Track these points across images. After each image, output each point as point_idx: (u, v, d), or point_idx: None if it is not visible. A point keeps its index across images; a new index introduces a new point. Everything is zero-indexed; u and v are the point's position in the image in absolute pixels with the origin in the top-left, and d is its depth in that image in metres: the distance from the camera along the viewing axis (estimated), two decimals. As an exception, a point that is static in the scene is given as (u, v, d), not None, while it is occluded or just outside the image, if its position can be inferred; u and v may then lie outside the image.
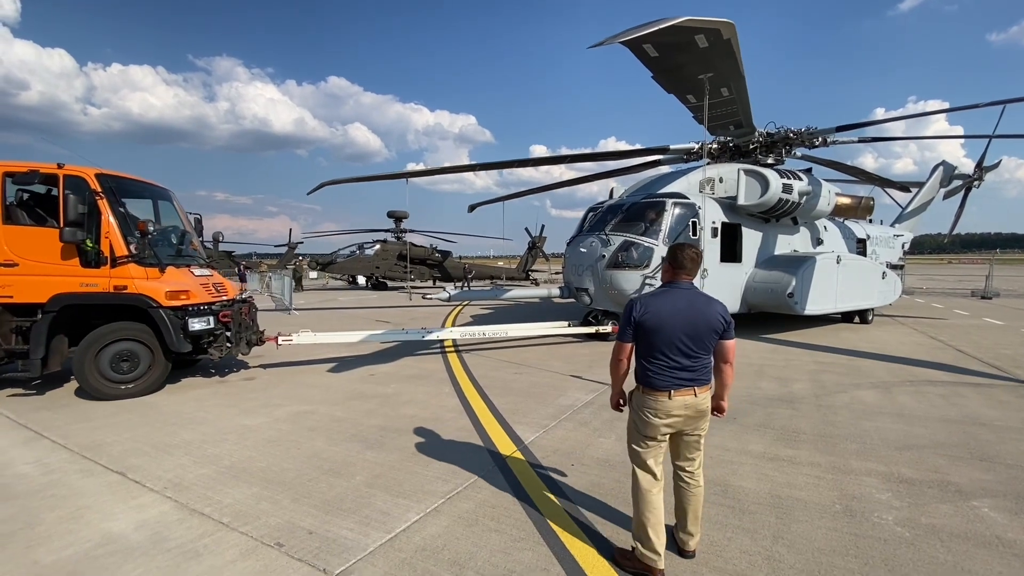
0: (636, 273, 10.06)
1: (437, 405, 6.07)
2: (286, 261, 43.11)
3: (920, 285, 28.32)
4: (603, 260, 10.39)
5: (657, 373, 2.80)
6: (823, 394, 6.61)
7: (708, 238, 10.80)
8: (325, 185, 13.55)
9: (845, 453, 4.58)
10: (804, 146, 12.72)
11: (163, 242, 7.23)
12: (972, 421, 5.47)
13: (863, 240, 15.54)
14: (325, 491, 3.82)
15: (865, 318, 13.64)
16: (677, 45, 7.34)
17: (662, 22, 6.30)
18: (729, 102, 9.84)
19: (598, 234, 10.81)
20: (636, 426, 2.91)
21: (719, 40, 7.19)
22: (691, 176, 12.07)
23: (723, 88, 9.15)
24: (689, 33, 6.91)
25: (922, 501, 3.66)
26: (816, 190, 12.02)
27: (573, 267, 11.25)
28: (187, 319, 6.61)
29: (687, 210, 10.62)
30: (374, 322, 13.82)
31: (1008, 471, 4.19)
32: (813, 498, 3.71)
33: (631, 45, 7.20)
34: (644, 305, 2.84)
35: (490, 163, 13.91)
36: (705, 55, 7.68)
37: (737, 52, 7.68)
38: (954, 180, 18.47)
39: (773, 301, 11.33)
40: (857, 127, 11.88)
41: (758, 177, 11.22)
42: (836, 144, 12.69)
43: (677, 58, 7.84)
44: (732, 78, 8.73)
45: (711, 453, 4.54)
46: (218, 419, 5.58)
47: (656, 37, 6.92)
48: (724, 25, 6.88)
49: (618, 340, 2.92)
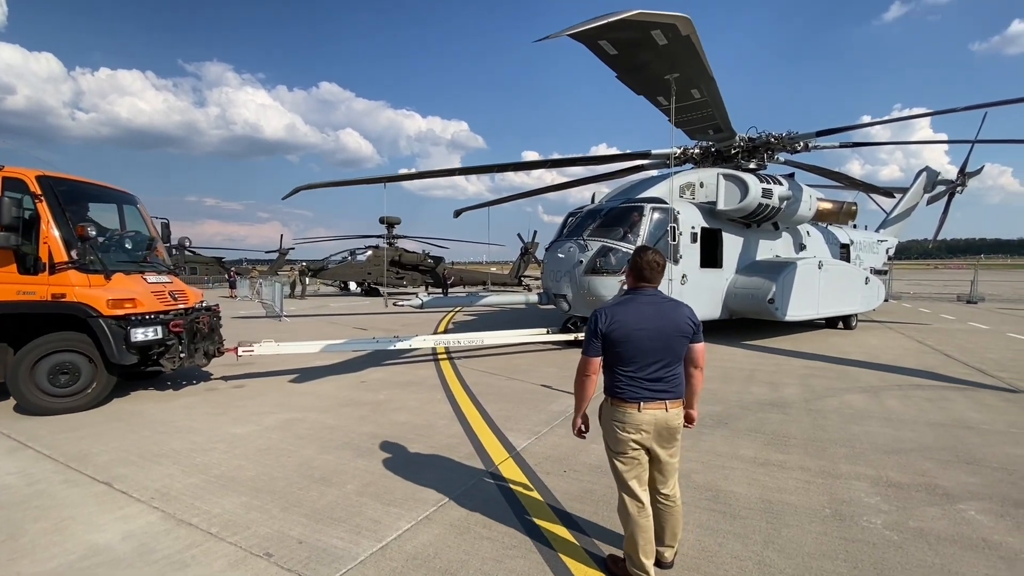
0: (614, 279, 9.94)
1: (429, 412, 6.05)
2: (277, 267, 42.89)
3: (908, 290, 28.71)
4: (581, 266, 10.25)
5: (626, 384, 2.69)
6: (813, 398, 6.66)
7: (687, 243, 10.78)
8: (300, 190, 13.31)
9: (834, 457, 4.61)
10: (786, 151, 12.79)
11: (115, 247, 6.91)
12: (958, 424, 5.54)
13: (847, 245, 15.62)
14: (315, 500, 3.78)
15: (849, 324, 13.67)
16: (635, 42, 7.09)
17: (612, 15, 6.05)
18: (702, 105, 9.72)
19: (576, 239, 10.68)
20: (607, 440, 2.82)
21: (678, 36, 6.96)
22: (671, 181, 12.06)
23: (693, 90, 9.00)
24: (644, 28, 6.68)
25: (910, 505, 3.70)
26: (797, 195, 12.04)
27: (551, 273, 11.12)
28: (130, 329, 6.19)
29: (665, 215, 10.52)
30: (364, 330, 13.75)
31: (994, 474, 4.25)
32: (803, 502, 3.73)
33: (586, 42, 6.98)
34: (609, 316, 2.69)
35: (470, 167, 14.02)
36: (667, 53, 7.45)
37: (700, 50, 7.47)
38: (938, 186, 18.80)
39: (754, 307, 11.30)
40: (838, 132, 11.99)
41: (737, 182, 11.23)
42: (818, 149, 12.77)
43: (639, 56, 7.59)
44: (701, 79, 8.58)
45: (703, 459, 4.58)
46: (207, 428, 5.52)
47: (611, 32, 6.71)
48: (680, 20, 6.64)
49: (584, 355, 2.75)
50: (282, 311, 16.92)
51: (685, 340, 2.75)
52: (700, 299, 10.92)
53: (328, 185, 14.11)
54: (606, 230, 10.55)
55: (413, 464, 4.45)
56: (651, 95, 9.03)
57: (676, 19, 6.57)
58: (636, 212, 10.53)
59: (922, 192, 18.89)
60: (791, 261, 11.70)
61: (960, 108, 10.20)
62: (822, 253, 14.17)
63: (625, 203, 11.06)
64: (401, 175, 13.61)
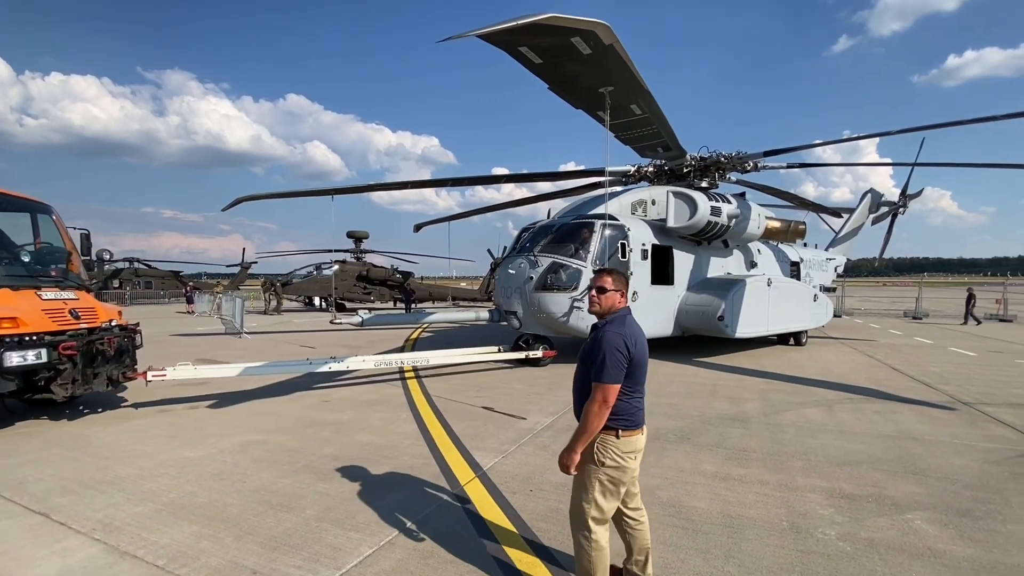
0: (564, 296, 9.85)
1: (394, 432, 5.93)
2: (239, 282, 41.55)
3: (859, 306, 30.10)
4: (531, 282, 10.11)
5: (637, 410, 2.63)
6: (772, 412, 6.87)
7: (638, 260, 10.82)
8: (242, 201, 12.87)
9: (792, 470, 4.76)
10: (737, 170, 13.15)
11: (4, 261, 6.35)
12: (905, 436, 5.81)
13: (797, 263, 16.13)
14: (272, 527, 3.64)
15: (799, 340, 13.96)
16: (557, 50, 6.71)
17: (524, 17, 5.68)
18: (646, 122, 9.60)
19: (527, 255, 10.59)
20: (610, 480, 2.58)
21: (601, 45, 6.65)
22: (623, 198, 12.11)
23: (632, 105, 8.82)
24: (563, 34, 6.30)
25: (861, 515, 3.84)
26: (745, 213, 12.28)
27: (502, 289, 10.98)
28: (3, 352, 5.51)
29: (616, 232, 10.58)
30: (312, 348, 13.44)
31: (938, 484, 4.46)
32: (762, 516, 3.83)
33: (506, 48, 6.58)
34: (632, 337, 2.57)
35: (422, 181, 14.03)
36: (594, 64, 7.15)
37: (628, 62, 7.17)
38: (881, 207, 19.90)
39: (704, 324, 11.42)
40: (784, 152, 12.40)
41: (687, 199, 11.36)
42: (767, 169, 13.21)
43: (565, 66, 7.25)
44: (638, 94, 8.39)
45: (667, 475, 4.64)
46: (158, 451, 5.25)
47: (529, 38, 6.35)
48: (599, 27, 6.25)
49: (609, 382, 2.49)
50: (242, 327, 16.36)
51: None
52: (652, 316, 11.05)
53: (272, 196, 13.63)
54: (557, 246, 10.52)
55: (376, 487, 4.34)
56: (589, 109, 8.76)
57: (595, 26, 6.22)
58: (587, 229, 10.56)
59: (867, 213, 19.93)
60: (741, 279, 11.88)
61: (895, 131, 10.88)
62: (773, 271, 14.54)
63: (576, 219, 11.04)
64: (349, 188, 13.23)
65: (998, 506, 4.01)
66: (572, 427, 6.25)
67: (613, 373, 2.50)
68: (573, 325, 9.54)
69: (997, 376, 9.63)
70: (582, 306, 9.42)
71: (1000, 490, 4.31)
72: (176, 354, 12.34)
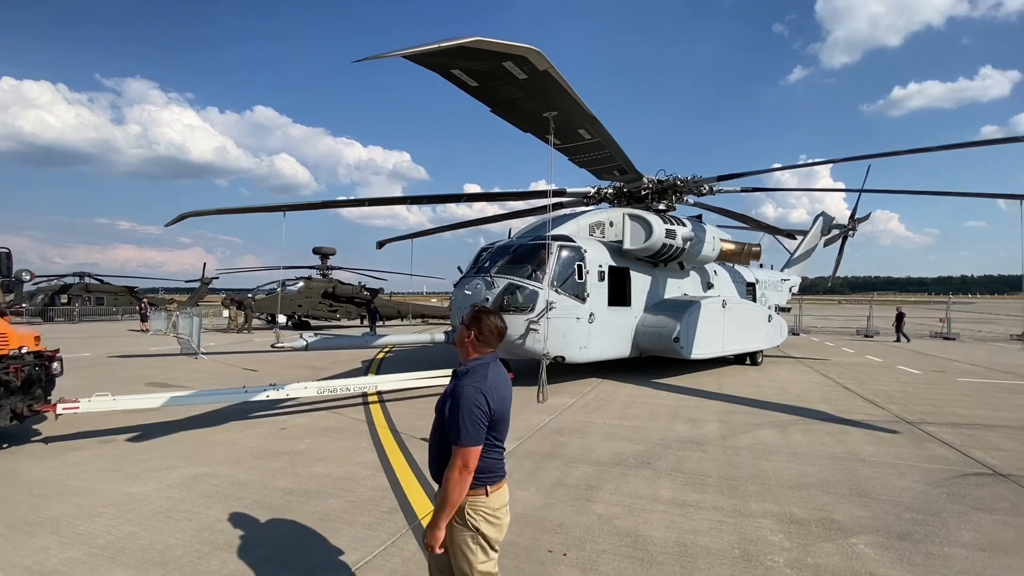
0: (520, 317, 9.76)
1: (353, 462, 5.79)
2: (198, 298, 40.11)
3: (816, 324, 31.28)
4: (487, 303, 9.91)
5: (501, 461, 2.43)
6: (729, 434, 7.03)
7: (595, 281, 10.87)
8: (187, 216, 12.42)
9: (746, 495, 4.87)
10: (693, 193, 13.45)
11: None
12: (854, 457, 6.04)
13: (752, 284, 16.60)
14: (217, 570, 3.48)
15: (755, 360, 14.14)
16: (491, 74, 6.55)
17: (449, 40, 5.48)
18: (596, 146, 9.55)
19: (483, 276, 10.53)
20: (487, 541, 2.34)
21: (536, 71, 6.49)
22: (581, 219, 12.16)
23: (580, 130, 8.75)
24: (494, 59, 6.14)
25: (809, 541, 3.95)
26: (700, 236, 12.53)
27: (458, 310, 10.79)
28: None
29: (573, 253, 10.62)
30: (256, 371, 13.07)
31: (881, 506, 4.64)
32: (715, 544, 3.89)
33: (437, 70, 6.39)
34: (493, 390, 2.32)
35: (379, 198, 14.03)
36: (533, 89, 7.00)
37: (567, 87, 7.05)
38: (833, 229, 20.92)
39: (661, 345, 11.53)
40: (737, 176, 12.71)
41: (642, 222, 11.55)
42: (722, 192, 13.60)
43: (503, 91, 7.10)
44: (584, 120, 8.31)
45: (625, 502, 4.68)
46: (97, 488, 4.96)
47: (459, 60, 6.17)
48: (530, 52, 6.07)
49: (468, 445, 2.22)
50: (199, 347, 15.74)
51: None
52: (609, 337, 11.17)
53: (220, 212, 13.24)
54: (513, 267, 10.47)
55: (331, 522, 4.22)
56: (537, 132, 8.58)
57: (525, 51, 6.04)
58: (544, 250, 10.45)
59: (820, 235, 20.92)
60: (696, 300, 12.05)
61: (840, 159, 11.59)
62: (729, 291, 14.86)
63: (533, 240, 10.93)
64: (302, 204, 12.89)
65: (936, 528, 4.20)
66: (535, 452, 6.26)
67: (473, 434, 2.23)
68: (530, 347, 9.56)
69: (939, 395, 10.14)
70: (538, 328, 9.45)
71: (939, 512, 4.52)
72: (123, 377, 11.79)
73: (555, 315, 9.88)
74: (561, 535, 4.02)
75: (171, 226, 12.48)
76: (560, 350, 10.17)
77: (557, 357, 10.14)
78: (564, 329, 10.18)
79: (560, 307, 10.07)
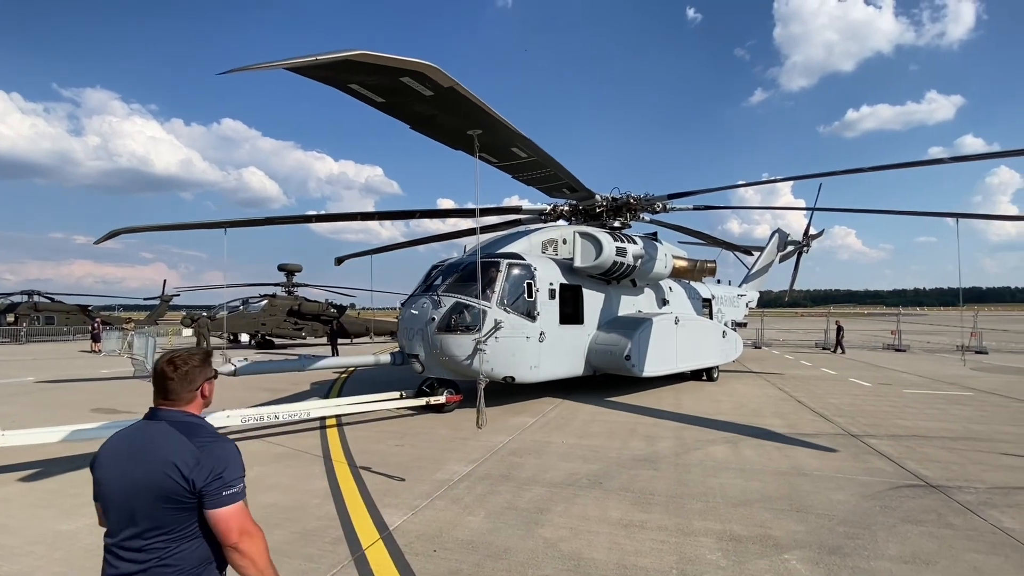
0: (467, 337, 9.46)
1: (303, 490, 5.67)
2: (157, 316, 38.70)
3: (778, 337, 32.23)
4: (433, 323, 9.73)
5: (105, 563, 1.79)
6: (682, 451, 7.18)
7: (545, 299, 10.70)
8: (119, 233, 11.73)
9: (690, 513, 4.98)
10: (648, 211, 13.57)
11: None
12: (797, 472, 6.25)
13: (709, 300, 16.79)
14: (145, 611, 3.36)
15: (711, 376, 14.20)
16: (395, 89, 6.12)
17: (331, 53, 5.02)
18: (536, 164, 9.21)
19: (431, 295, 10.23)
20: None
21: (439, 87, 6.07)
22: (533, 236, 12.07)
23: (513, 148, 8.31)
24: (390, 74, 5.68)
25: (744, 558, 4.08)
26: (652, 253, 12.46)
27: (405, 331, 10.51)
28: None
29: (523, 271, 10.45)
30: (248, 391, 12.72)
31: (817, 520, 4.82)
32: (654, 565, 3.98)
33: (335, 84, 5.93)
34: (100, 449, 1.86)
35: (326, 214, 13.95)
36: (447, 106, 6.62)
37: (482, 105, 6.64)
38: (788, 245, 21.70)
39: (613, 363, 11.42)
40: (689, 195, 12.83)
41: (592, 240, 11.43)
42: (675, 210, 13.73)
43: (414, 107, 6.67)
44: (513, 138, 7.89)
45: (572, 524, 4.73)
46: (25, 525, 4.74)
47: (354, 75, 5.72)
48: (426, 68, 5.60)
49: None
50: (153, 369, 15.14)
51: (168, 506, 1.73)
52: (561, 356, 11.03)
53: (155, 228, 12.66)
54: (461, 285, 10.13)
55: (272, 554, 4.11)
56: (467, 150, 7.99)
57: (420, 67, 5.59)
58: (493, 267, 10.22)
59: (776, 251, 21.64)
60: (647, 317, 11.99)
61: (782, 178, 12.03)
62: (685, 308, 14.93)
63: (484, 258, 10.42)
64: (244, 220, 12.34)
65: (865, 542, 4.38)
66: (490, 475, 6.26)
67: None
68: (478, 368, 9.29)
69: (885, 406, 10.59)
70: (485, 348, 9.21)
71: (869, 525, 4.72)
72: (66, 400, 11.29)
73: (504, 334, 9.73)
74: (505, 560, 4.04)
75: (101, 243, 11.72)
76: (509, 370, 9.99)
77: (506, 378, 10.00)
78: (513, 348, 9.98)
79: (509, 326, 9.88)
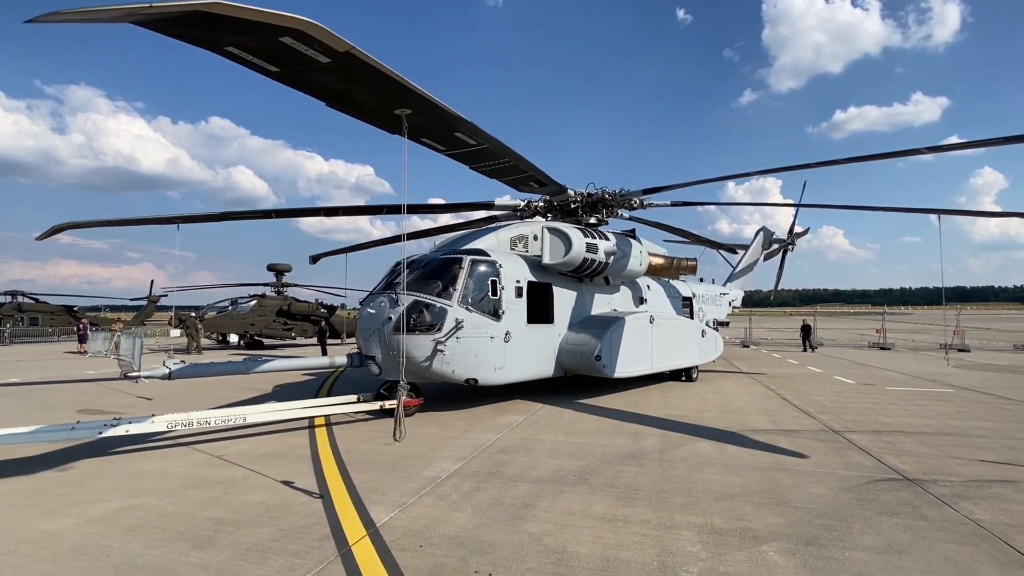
0: (426, 338, 9.10)
1: (290, 488, 5.69)
2: (144, 316, 38.31)
3: (766, 336, 32.63)
4: (390, 323, 9.14)
5: None
6: (668, 448, 7.29)
7: (511, 298, 10.20)
8: (63, 228, 11.26)
9: (673, 508, 5.08)
10: (624, 207, 13.08)
11: None
12: (779, 467, 6.37)
13: (689, 299, 16.44)
14: (131, 608, 3.39)
15: (690, 376, 13.79)
16: (285, 55, 5.02)
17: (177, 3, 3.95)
18: (491, 153, 8.52)
19: (389, 293, 9.74)
20: None
21: (336, 53, 5.04)
22: (501, 233, 11.56)
23: (456, 134, 7.53)
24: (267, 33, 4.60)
25: (724, 551, 4.17)
26: (625, 250, 11.96)
27: (362, 331, 9.98)
28: None
29: (488, 268, 9.98)
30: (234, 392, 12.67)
31: (796, 514, 4.93)
32: (636, 557, 4.06)
33: (205, 45, 4.78)
34: None
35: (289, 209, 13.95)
36: (356, 78, 5.63)
37: (400, 79, 5.72)
38: (773, 244, 21.92)
39: (583, 364, 10.96)
40: (664, 190, 12.40)
41: (562, 236, 10.97)
42: (652, 206, 13.45)
43: (318, 78, 5.58)
44: (454, 122, 7.10)
45: (557, 519, 4.80)
46: (10, 524, 4.72)
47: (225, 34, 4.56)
48: (305, 24, 4.53)
49: None
50: (140, 370, 15.01)
51: None
52: (528, 356, 10.55)
53: (102, 224, 12.23)
54: (422, 283, 9.71)
55: (258, 552, 4.16)
56: (402, 132, 6.82)
57: (297, 22, 4.47)
58: (456, 264, 9.86)
59: (761, 249, 21.83)
60: (620, 317, 11.52)
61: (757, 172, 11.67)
62: (663, 307, 14.47)
63: (446, 255, 10.37)
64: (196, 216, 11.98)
65: (841, 533, 4.50)
66: (478, 473, 6.33)
67: None
68: (437, 370, 9.00)
69: (868, 403, 10.79)
70: (445, 349, 9.03)
71: (846, 517, 4.84)
72: (52, 403, 11.20)
73: (465, 334, 9.35)
74: (490, 555, 4.10)
75: (43, 239, 11.30)
76: (472, 372, 9.57)
77: (469, 380, 9.62)
78: (476, 349, 9.55)
79: (471, 325, 9.46)
